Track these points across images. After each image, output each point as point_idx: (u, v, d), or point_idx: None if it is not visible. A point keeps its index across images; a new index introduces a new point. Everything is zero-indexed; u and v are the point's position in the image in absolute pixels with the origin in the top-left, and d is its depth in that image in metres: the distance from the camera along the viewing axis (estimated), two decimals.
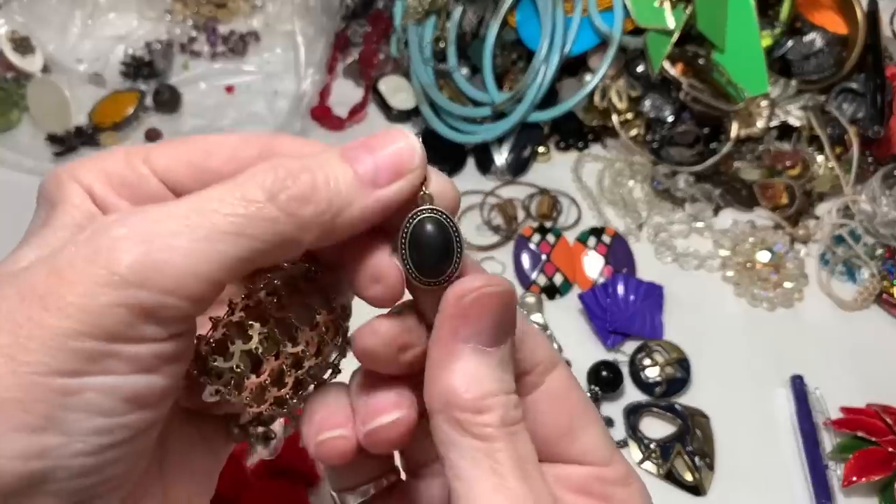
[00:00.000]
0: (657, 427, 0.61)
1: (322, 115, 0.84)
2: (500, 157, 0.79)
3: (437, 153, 0.80)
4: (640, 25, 0.75)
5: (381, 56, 0.88)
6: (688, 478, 0.58)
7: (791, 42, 0.78)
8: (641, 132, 0.78)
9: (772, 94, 0.76)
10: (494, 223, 0.75)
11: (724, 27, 0.76)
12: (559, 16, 0.76)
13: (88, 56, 0.88)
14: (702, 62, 0.74)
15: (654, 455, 0.59)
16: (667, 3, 0.74)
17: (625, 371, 0.64)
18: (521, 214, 0.76)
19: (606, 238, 0.73)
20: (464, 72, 0.81)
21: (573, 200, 0.77)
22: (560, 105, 0.78)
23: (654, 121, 0.77)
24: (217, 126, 0.83)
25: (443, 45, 0.82)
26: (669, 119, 0.76)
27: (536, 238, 0.73)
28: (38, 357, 0.21)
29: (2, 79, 0.83)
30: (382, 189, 0.25)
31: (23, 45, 0.84)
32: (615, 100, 0.77)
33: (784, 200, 0.74)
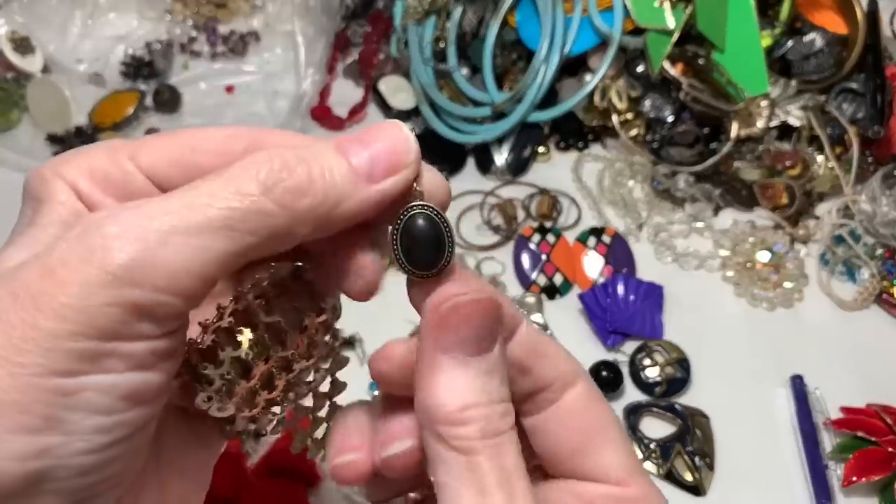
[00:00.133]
0: (657, 427, 0.61)
1: (322, 115, 0.84)
2: (500, 157, 0.79)
3: (437, 153, 0.80)
4: (640, 25, 0.75)
5: (381, 56, 0.88)
6: (688, 478, 0.58)
7: (791, 42, 0.78)
8: (641, 132, 0.78)
9: (772, 94, 0.76)
10: (494, 223, 0.75)
11: (724, 27, 0.76)
12: (559, 16, 0.76)
13: (88, 56, 0.88)
14: (702, 62, 0.74)
15: (654, 455, 0.59)
16: (667, 3, 0.74)
17: (625, 371, 0.64)
18: (521, 214, 0.76)
19: (606, 238, 0.73)
20: (464, 72, 0.81)
21: (573, 200, 0.77)
22: (560, 105, 0.78)
23: (654, 121, 0.77)
24: (217, 126, 0.83)
25: (443, 45, 0.82)
26: (669, 119, 0.76)
27: (536, 238, 0.73)
28: (34, 358, 0.21)
29: (2, 79, 0.83)
30: (378, 183, 0.25)
31: (23, 45, 0.84)
32: (615, 100, 0.77)
33: (784, 200, 0.74)
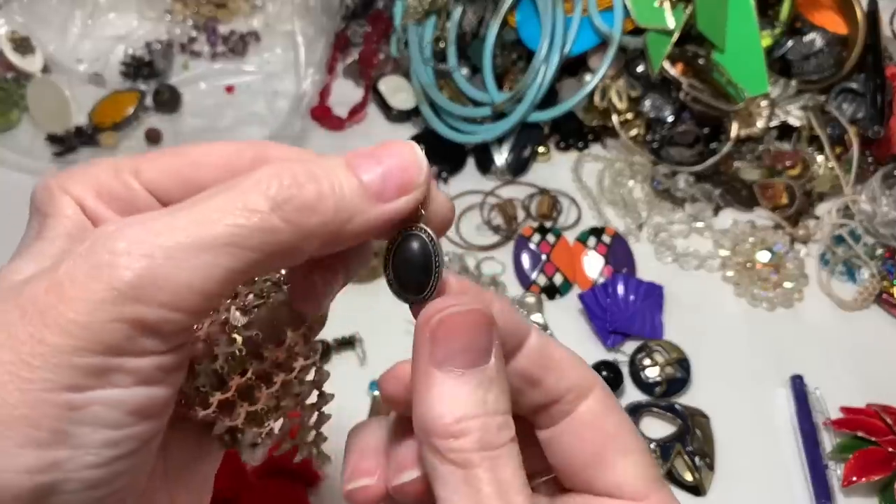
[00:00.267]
0: (657, 427, 0.61)
1: (322, 115, 0.84)
2: (500, 157, 0.79)
3: (437, 153, 0.80)
4: (640, 25, 0.75)
5: (381, 56, 0.88)
6: (688, 478, 0.58)
7: (791, 42, 0.78)
8: (641, 132, 0.78)
9: (772, 94, 0.76)
10: (494, 223, 0.75)
11: (724, 27, 0.76)
12: (559, 16, 0.76)
13: (88, 56, 0.88)
14: (702, 62, 0.74)
15: (654, 455, 0.59)
16: (667, 3, 0.74)
17: (625, 371, 0.64)
18: (521, 214, 0.76)
19: (606, 238, 0.73)
20: (464, 72, 0.81)
21: (573, 200, 0.77)
22: (560, 105, 0.78)
23: (654, 121, 0.77)
24: (217, 126, 0.83)
25: (443, 45, 0.82)
26: (669, 119, 0.76)
27: (536, 238, 0.73)
28: (42, 374, 0.21)
29: (2, 79, 0.83)
30: (388, 203, 0.25)
31: (23, 45, 0.84)
32: (615, 100, 0.77)
33: (784, 200, 0.74)
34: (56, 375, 0.21)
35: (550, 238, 0.73)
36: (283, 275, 0.29)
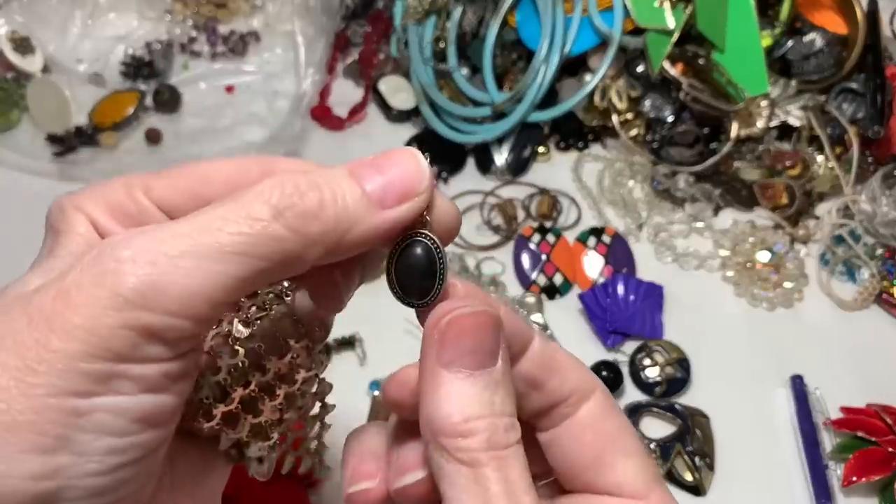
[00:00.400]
0: (657, 427, 0.61)
1: (322, 115, 0.84)
2: (500, 157, 0.79)
3: (437, 153, 0.80)
4: (640, 25, 0.75)
5: (381, 56, 0.88)
6: (688, 478, 0.58)
7: (791, 42, 0.78)
8: (641, 132, 0.78)
9: (772, 94, 0.76)
10: (494, 223, 0.75)
11: (724, 27, 0.76)
12: (559, 16, 0.76)
13: (88, 56, 0.88)
14: (702, 62, 0.74)
15: (654, 455, 0.59)
16: (667, 3, 0.74)
17: (625, 371, 0.64)
18: (521, 214, 0.76)
19: (606, 238, 0.73)
20: (464, 72, 0.81)
21: (573, 200, 0.77)
22: (560, 105, 0.78)
23: (654, 121, 0.77)
24: (217, 126, 0.83)
25: (443, 45, 0.82)
26: (669, 119, 0.76)
27: (536, 238, 0.73)
28: (48, 379, 0.21)
29: (2, 79, 0.83)
30: (390, 210, 0.25)
31: (23, 45, 0.84)
32: (615, 100, 0.77)
33: (784, 200, 0.74)
34: (61, 381, 0.21)
35: (550, 238, 0.73)
36: (286, 287, 0.30)
